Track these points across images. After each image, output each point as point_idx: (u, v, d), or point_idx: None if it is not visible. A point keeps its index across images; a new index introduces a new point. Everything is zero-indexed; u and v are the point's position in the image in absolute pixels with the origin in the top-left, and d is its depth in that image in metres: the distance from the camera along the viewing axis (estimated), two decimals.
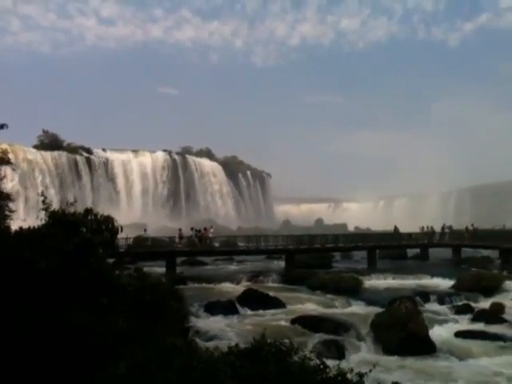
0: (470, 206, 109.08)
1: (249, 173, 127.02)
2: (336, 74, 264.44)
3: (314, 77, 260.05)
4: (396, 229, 40.25)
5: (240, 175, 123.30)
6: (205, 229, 33.09)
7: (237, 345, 6.85)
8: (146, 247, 30.73)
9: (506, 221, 71.72)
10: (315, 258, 32.97)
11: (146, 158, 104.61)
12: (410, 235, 39.01)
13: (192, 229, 33.15)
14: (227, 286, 25.07)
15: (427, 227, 39.85)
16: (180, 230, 33.09)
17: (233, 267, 35.01)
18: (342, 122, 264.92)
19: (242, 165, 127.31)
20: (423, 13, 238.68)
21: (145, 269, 15.21)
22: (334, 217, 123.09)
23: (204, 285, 25.35)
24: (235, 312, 18.89)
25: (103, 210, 12.06)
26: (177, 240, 31.63)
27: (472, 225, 40.01)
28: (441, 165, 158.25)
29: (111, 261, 11.30)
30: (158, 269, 27.98)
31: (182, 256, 33.18)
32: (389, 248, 38.00)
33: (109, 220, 9.45)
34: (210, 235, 33.26)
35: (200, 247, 31.82)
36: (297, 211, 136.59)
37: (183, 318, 13.69)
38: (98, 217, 9.42)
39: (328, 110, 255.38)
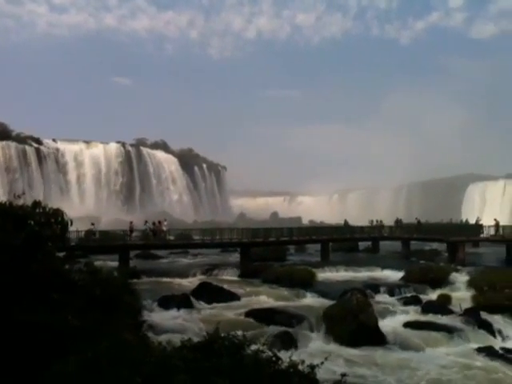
0: (419, 200, 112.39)
1: (205, 166, 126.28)
2: (292, 68, 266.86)
3: (270, 70, 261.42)
4: (346, 222, 41.05)
5: (196, 168, 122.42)
6: (159, 222, 32.71)
7: (190, 339, 6.84)
8: (97, 241, 30.06)
9: (453, 215, 74.43)
10: (270, 251, 33.22)
11: (99, 150, 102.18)
12: (362, 228, 39.89)
13: (146, 222, 32.69)
14: (182, 280, 24.91)
15: (376, 221, 40.82)
16: (131, 222, 32.60)
17: (188, 261, 34.81)
18: (298, 117, 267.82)
19: (197, 157, 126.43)
20: (377, 10, 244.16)
21: (97, 263, 14.91)
22: (289, 210, 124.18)
23: (158, 279, 25.09)
24: (189, 306, 18.79)
25: (54, 202, 11.74)
26: (128, 233, 31.14)
27: (416, 218, 41.27)
28: (393, 159, 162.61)
29: (62, 255, 11.01)
30: (111, 263, 27.46)
31: (135, 249, 32.70)
32: (341, 241, 38.73)
33: (58, 213, 9.18)
34: (164, 228, 32.90)
35: (154, 240, 31.45)
36: (252, 204, 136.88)
37: (136, 313, 13.50)
38: (47, 210, 9.13)
39: (284, 104, 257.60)
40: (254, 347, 6.67)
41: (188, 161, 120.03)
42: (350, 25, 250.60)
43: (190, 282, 23.71)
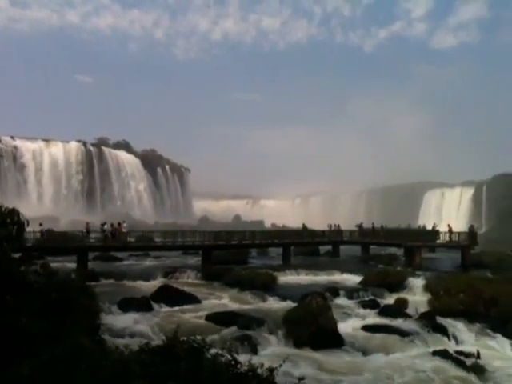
0: (379, 205, 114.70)
1: (168, 167, 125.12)
2: (257, 71, 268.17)
3: (236, 73, 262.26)
4: (304, 226, 41.04)
5: (159, 169, 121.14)
6: (118, 224, 32.12)
7: (148, 342, 6.78)
8: (52, 241, 29.09)
9: (411, 220, 76.24)
10: (232, 254, 33.15)
11: (59, 148, 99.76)
12: (323, 232, 40.30)
13: (103, 224, 31.90)
14: (142, 283, 24.58)
15: (334, 225, 41.08)
16: (87, 223, 31.91)
17: (148, 263, 34.35)
18: (262, 120, 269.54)
19: (161, 159, 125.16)
20: (341, 17, 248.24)
21: (55, 264, 14.61)
22: (251, 213, 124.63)
23: (118, 281, 24.65)
24: (149, 309, 18.58)
25: (10, 202, 11.42)
26: (84, 234, 30.42)
27: (372, 224, 42.00)
28: (356, 163, 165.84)
29: (18, 256, 10.74)
30: (69, 264, 26.90)
31: (94, 251, 32.04)
32: (303, 245, 39.04)
33: (14, 213, 8.94)
34: (124, 230, 32.34)
35: (113, 242, 30.87)
36: (215, 207, 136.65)
37: (94, 316, 13.27)
38: (3, 209, 8.88)
39: (248, 107, 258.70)
40: (213, 351, 6.67)
41: (151, 162, 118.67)
42: (315, 31, 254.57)
43: (150, 285, 23.41)
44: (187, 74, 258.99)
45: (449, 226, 36.79)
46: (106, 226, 31.40)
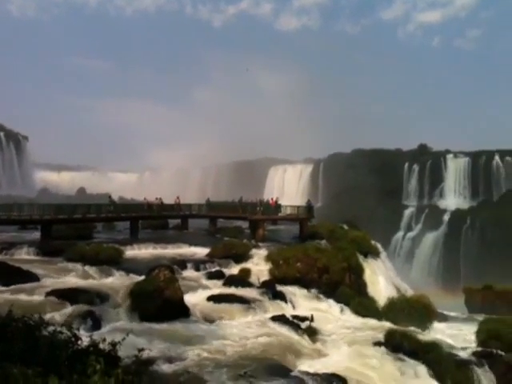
0: (227, 180, 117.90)
1: (1, 134, 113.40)
2: (103, 37, 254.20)
3: (79, 37, 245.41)
4: (110, 198, 39.18)
5: None
6: None
7: None
8: None
9: (257, 195, 79.52)
10: (75, 228, 31.50)
11: None
12: (172, 206, 40.29)
13: None
14: None
15: (156, 198, 40.39)
16: None
17: None
18: (111, 90, 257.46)
19: None
20: None
21: None
22: (98, 186, 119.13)
23: None
24: None
25: None
26: None
27: (240, 197, 43.12)
28: (207, 139, 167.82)
29: None
30: None
31: None
32: (151, 218, 38.66)
33: None
34: None
35: None
36: (57, 179, 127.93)
37: None
38: None
39: (95, 75, 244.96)
40: (51, 328, 6.40)
41: None
42: (164, 0, 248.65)
43: None
44: (23, 33, 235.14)
45: (273, 198, 39.34)
46: None
